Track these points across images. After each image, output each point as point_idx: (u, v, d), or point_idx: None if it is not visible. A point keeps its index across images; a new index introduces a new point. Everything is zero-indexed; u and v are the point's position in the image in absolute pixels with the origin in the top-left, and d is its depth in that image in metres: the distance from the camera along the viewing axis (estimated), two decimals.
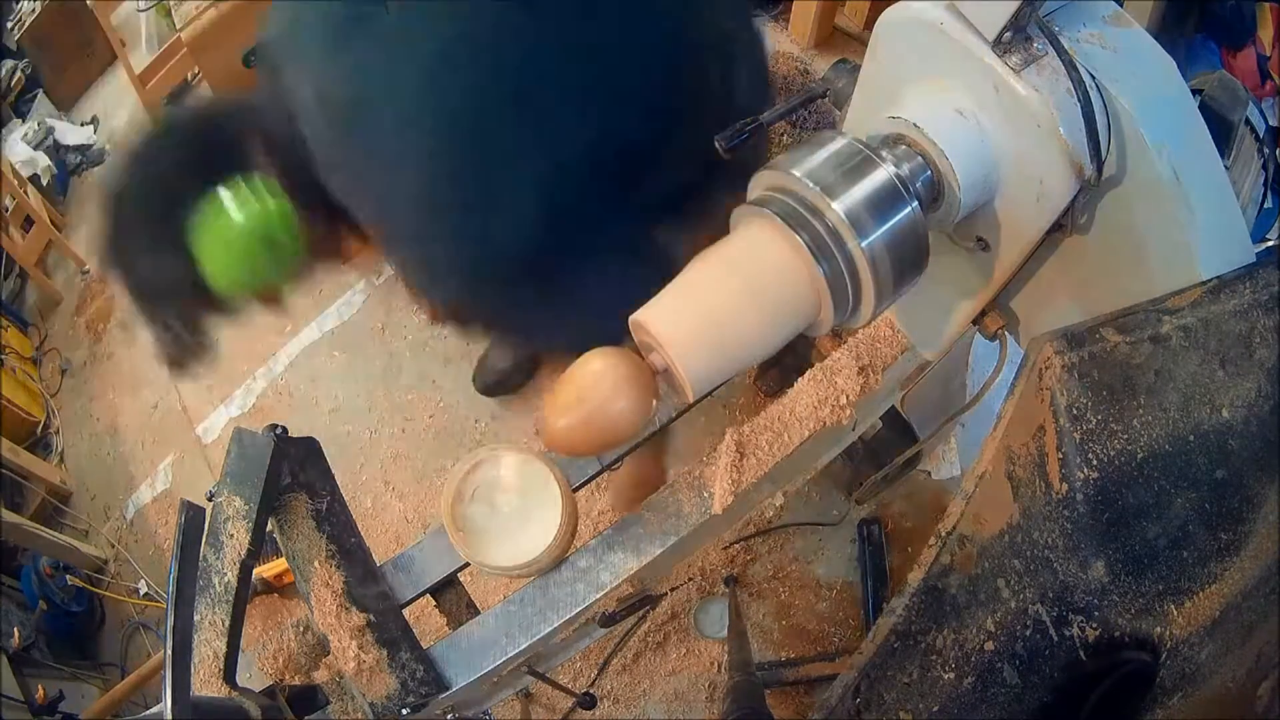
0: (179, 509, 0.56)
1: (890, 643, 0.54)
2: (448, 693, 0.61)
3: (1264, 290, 0.45)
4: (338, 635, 0.61)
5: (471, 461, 0.62)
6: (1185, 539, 0.45)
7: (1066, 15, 0.45)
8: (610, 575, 0.62)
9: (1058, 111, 0.42)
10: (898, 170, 0.44)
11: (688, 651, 1.67)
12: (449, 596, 0.71)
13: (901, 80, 0.49)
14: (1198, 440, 0.45)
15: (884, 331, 0.66)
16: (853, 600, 1.69)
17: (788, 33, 2.36)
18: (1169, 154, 0.44)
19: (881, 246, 0.43)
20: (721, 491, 0.61)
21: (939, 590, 0.53)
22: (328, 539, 0.66)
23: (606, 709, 1.65)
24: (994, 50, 0.43)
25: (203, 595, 0.62)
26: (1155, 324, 0.45)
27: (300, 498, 0.68)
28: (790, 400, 0.64)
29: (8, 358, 2.34)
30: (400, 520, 1.92)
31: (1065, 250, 0.51)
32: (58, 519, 2.22)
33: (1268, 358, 0.45)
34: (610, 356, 0.46)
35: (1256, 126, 0.64)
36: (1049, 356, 0.47)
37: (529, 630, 0.62)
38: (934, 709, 0.52)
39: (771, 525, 1.73)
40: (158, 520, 2.12)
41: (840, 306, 0.45)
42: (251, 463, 0.64)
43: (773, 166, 0.46)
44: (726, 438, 0.63)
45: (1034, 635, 0.48)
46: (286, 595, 1.82)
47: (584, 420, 0.45)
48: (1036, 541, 0.48)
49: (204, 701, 0.58)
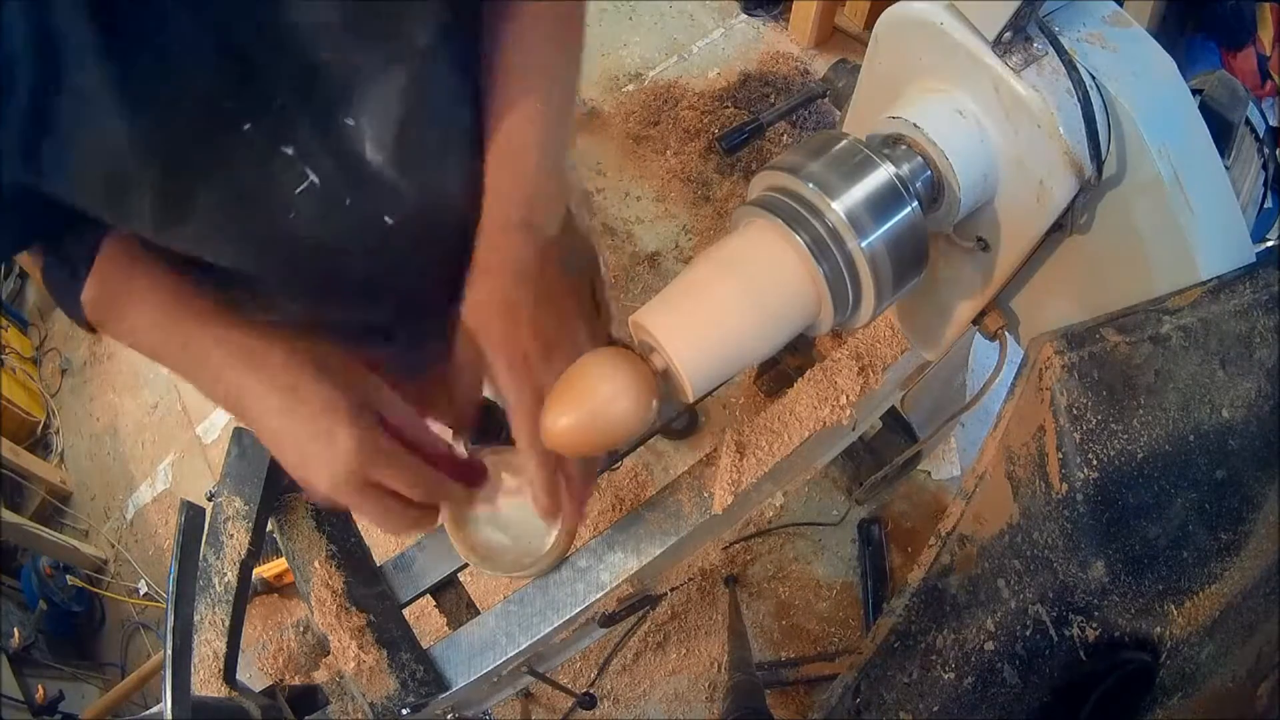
0: (179, 509, 0.56)
1: (890, 643, 0.54)
2: (448, 693, 0.61)
3: (1264, 290, 0.45)
4: (338, 635, 0.61)
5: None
6: (1185, 539, 0.45)
7: (1066, 15, 0.45)
8: (610, 575, 0.62)
9: (1058, 111, 0.42)
10: (898, 170, 0.44)
11: (688, 651, 1.67)
12: (449, 596, 0.71)
13: (901, 80, 0.49)
14: (1198, 440, 0.45)
15: (884, 331, 0.66)
16: (853, 600, 1.69)
17: (788, 33, 2.36)
18: (1169, 154, 0.44)
19: (881, 246, 0.43)
20: (721, 491, 0.61)
21: (939, 590, 0.53)
22: (328, 539, 0.66)
23: (606, 709, 1.65)
24: (994, 50, 0.43)
25: (203, 595, 0.62)
26: (1155, 324, 0.45)
27: (300, 498, 0.68)
28: (790, 400, 0.64)
29: (8, 358, 2.34)
30: None
31: (1065, 250, 0.51)
32: (58, 519, 2.22)
33: (1268, 358, 0.45)
34: (611, 356, 0.46)
35: (1256, 126, 0.64)
36: (1049, 356, 0.47)
37: (529, 630, 0.62)
38: (934, 709, 0.52)
39: (771, 525, 1.73)
40: (158, 520, 2.12)
41: (840, 306, 0.46)
42: (251, 463, 0.64)
43: (773, 166, 0.46)
44: (726, 438, 0.63)
45: (1034, 635, 0.48)
46: (286, 595, 1.82)
47: (584, 420, 0.45)
48: (1036, 541, 0.48)
49: (204, 701, 0.58)
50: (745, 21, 2.43)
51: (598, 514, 1.82)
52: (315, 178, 0.54)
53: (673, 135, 2.23)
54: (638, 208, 2.15)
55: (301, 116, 0.52)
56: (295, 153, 0.53)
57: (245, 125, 0.49)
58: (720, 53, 2.38)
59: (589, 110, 2.31)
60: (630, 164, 2.21)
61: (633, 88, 2.34)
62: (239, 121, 0.49)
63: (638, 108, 2.29)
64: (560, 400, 0.46)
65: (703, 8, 2.48)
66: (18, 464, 2.09)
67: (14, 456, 2.08)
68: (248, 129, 0.49)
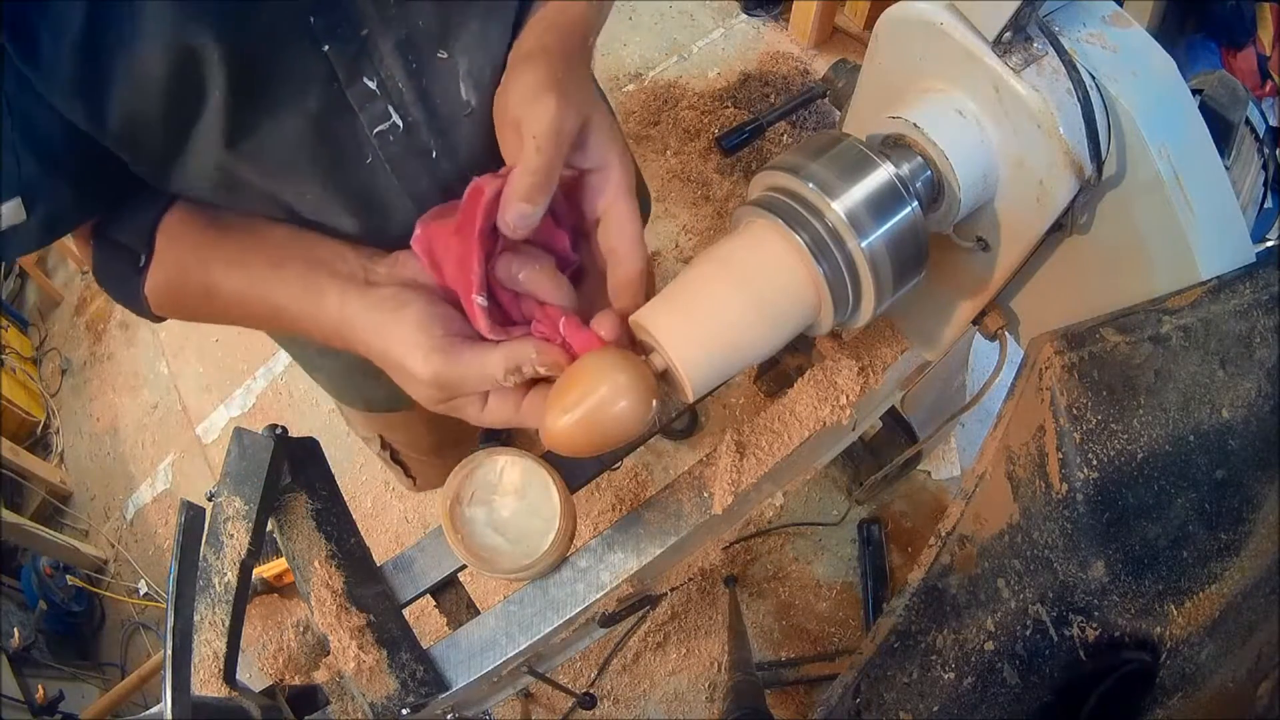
0: (179, 509, 0.56)
1: (890, 643, 0.54)
2: (448, 693, 0.61)
3: (1264, 290, 0.45)
4: (338, 635, 0.61)
5: (470, 463, 0.62)
6: (1185, 539, 0.45)
7: (1066, 15, 0.45)
8: (610, 575, 0.62)
9: (1058, 111, 0.42)
10: (898, 170, 0.44)
11: (688, 651, 1.68)
12: (449, 596, 0.71)
13: (901, 80, 0.49)
14: (1198, 440, 0.45)
15: (884, 331, 0.66)
16: (853, 600, 1.69)
17: (788, 33, 2.36)
18: (1169, 154, 0.44)
19: (881, 246, 0.43)
20: (721, 491, 0.61)
21: (939, 590, 0.53)
22: (327, 539, 0.66)
23: (606, 709, 1.65)
24: (994, 50, 0.43)
25: (203, 595, 0.62)
26: (1155, 324, 0.46)
27: (300, 498, 0.68)
28: (790, 400, 0.64)
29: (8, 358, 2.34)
30: (400, 520, 1.92)
31: (1065, 250, 0.51)
32: (58, 519, 2.23)
33: (1268, 358, 0.45)
34: (610, 356, 0.46)
35: (1256, 126, 0.64)
36: (1049, 356, 0.47)
37: (529, 630, 0.62)
38: (934, 709, 0.52)
39: (771, 525, 1.73)
40: (158, 520, 2.12)
41: (840, 306, 0.46)
42: (251, 463, 0.64)
43: (773, 166, 0.46)
44: (726, 438, 0.63)
45: (1034, 635, 0.48)
46: (286, 595, 1.82)
47: (584, 420, 0.45)
48: (1036, 541, 0.48)
49: (204, 701, 0.58)
50: (745, 21, 2.43)
51: (597, 514, 1.82)
52: (398, 118, 0.50)
53: (673, 135, 2.23)
54: None
55: (388, 42, 0.48)
56: (378, 86, 0.49)
57: (325, 46, 0.46)
58: (720, 53, 2.38)
59: None
60: None
61: (633, 88, 2.34)
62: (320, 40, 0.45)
63: (638, 108, 2.29)
64: (560, 400, 0.46)
65: (703, 8, 2.48)
66: (18, 464, 2.09)
67: (14, 456, 2.09)
68: (327, 50, 0.46)
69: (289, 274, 0.52)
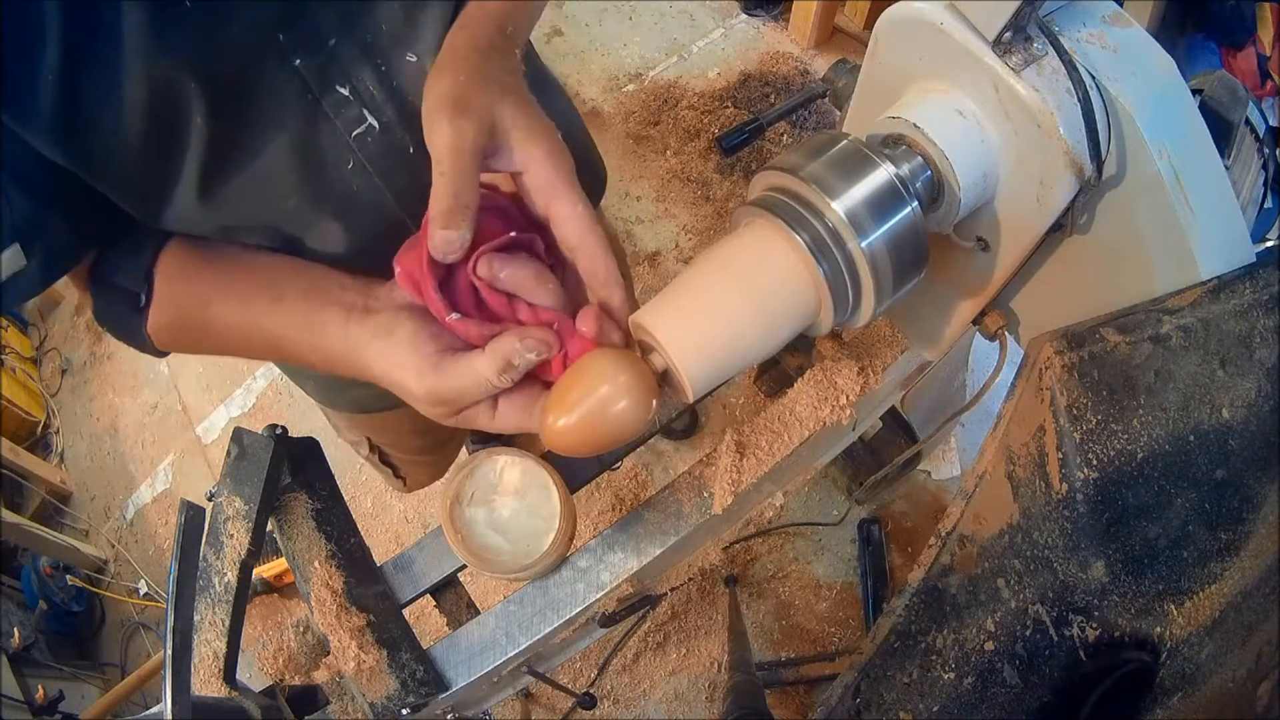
0: (179, 509, 0.56)
1: (890, 643, 0.54)
2: (448, 693, 0.61)
3: (1264, 290, 0.45)
4: (338, 635, 0.61)
5: (470, 463, 0.62)
6: (1185, 539, 0.45)
7: (1066, 15, 0.45)
8: (610, 575, 0.62)
9: (1058, 111, 0.42)
10: (898, 170, 0.44)
11: (688, 651, 1.68)
12: (449, 596, 0.71)
13: (901, 80, 0.49)
14: (1198, 440, 0.45)
15: (884, 331, 0.66)
16: (853, 600, 1.69)
17: (788, 33, 2.36)
18: (1169, 154, 0.44)
19: (881, 246, 0.43)
20: (721, 491, 0.61)
21: (939, 590, 0.53)
22: (327, 539, 0.66)
23: (606, 709, 1.65)
24: (994, 50, 0.43)
25: (203, 595, 0.62)
26: (1155, 324, 0.45)
27: (300, 498, 0.68)
28: (790, 400, 0.64)
29: (8, 358, 2.34)
30: (400, 520, 1.92)
31: (1065, 250, 0.51)
32: (58, 519, 2.23)
33: (1268, 358, 0.45)
34: (611, 356, 0.46)
35: (1256, 126, 0.64)
36: (1049, 356, 0.47)
37: (529, 630, 0.62)
38: (934, 709, 0.52)
39: (771, 525, 1.73)
40: (158, 520, 2.12)
41: (840, 306, 0.46)
42: (251, 463, 0.64)
43: (773, 166, 0.46)
44: (726, 438, 0.63)
45: (1034, 635, 0.48)
46: (286, 595, 1.82)
47: (583, 420, 0.45)
48: (1036, 541, 0.48)
49: (204, 701, 0.58)
50: (745, 21, 2.43)
51: (597, 514, 1.82)
52: (373, 120, 0.51)
53: (673, 135, 2.23)
54: (638, 208, 2.16)
55: (354, 49, 0.49)
56: (351, 92, 0.50)
57: (296, 60, 0.47)
58: (720, 53, 2.38)
59: (589, 110, 2.31)
60: (630, 164, 2.22)
61: (633, 88, 2.34)
62: (288, 56, 0.46)
63: (638, 108, 2.29)
64: (560, 400, 0.46)
65: (703, 8, 2.49)
66: (18, 464, 2.09)
67: (14, 456, 2.09)
68: (298, 64, 0.47)
69: (289, 306, 0.52)
